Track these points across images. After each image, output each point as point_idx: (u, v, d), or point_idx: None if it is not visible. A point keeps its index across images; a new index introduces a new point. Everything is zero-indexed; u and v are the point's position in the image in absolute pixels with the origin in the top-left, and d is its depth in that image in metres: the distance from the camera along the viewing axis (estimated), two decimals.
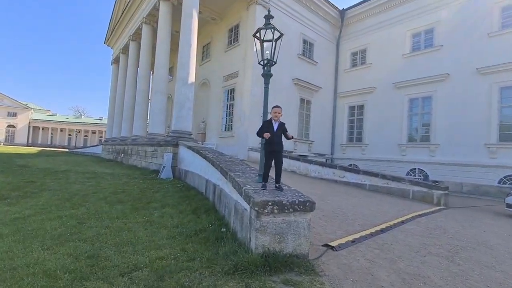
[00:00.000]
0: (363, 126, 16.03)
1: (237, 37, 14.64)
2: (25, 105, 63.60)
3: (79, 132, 68.86)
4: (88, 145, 45.20)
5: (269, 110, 3.29)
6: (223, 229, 3.40)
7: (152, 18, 15.67)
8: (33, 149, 34.42)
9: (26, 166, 10.93)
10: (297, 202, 2.57)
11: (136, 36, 18.35)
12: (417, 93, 13.84)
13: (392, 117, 14.64)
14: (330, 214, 4.67)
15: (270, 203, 2.48)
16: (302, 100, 15.33)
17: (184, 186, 7.38)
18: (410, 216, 4.98)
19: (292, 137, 3.11)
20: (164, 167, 9.61)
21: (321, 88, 16.22)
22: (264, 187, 2.97)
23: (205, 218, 3.93)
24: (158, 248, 2.71)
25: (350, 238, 3.40)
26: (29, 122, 63.29)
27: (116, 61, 24.24)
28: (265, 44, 3.49)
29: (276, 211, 2.50)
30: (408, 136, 14.20)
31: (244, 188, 2.93)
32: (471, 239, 3.86)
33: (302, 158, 10.55)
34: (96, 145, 29.07)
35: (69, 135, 68.70)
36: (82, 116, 79.44)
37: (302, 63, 15.35)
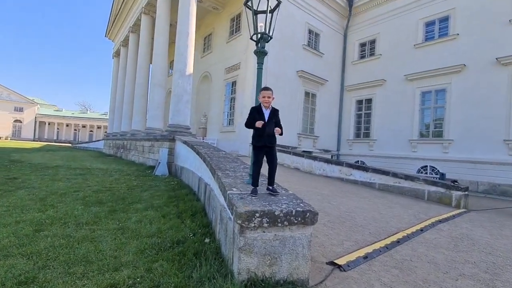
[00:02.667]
0: (371, 121, 15.24)
1: (239, 26, 13.94)
2: (31, 100, 63.97)
3: (84, 127, 69.21)
4: (94, 140, 45.18)
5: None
6: (207, 240, 2.82)
7: (151, 8, 15.07)
8: (37, 144, 34.47)
9: (19, 161, 10.54)
10: (294, 212, 1.96)
11: (136, 27, 17.79)
12: (430, 85, 12.98)
13: (402, 111, 13.83)
14: (336, 219, 4.05)
15: (257, 214, 1.88)
16: (307, 93, 14.60)
17: (178, 184, 6.85)
18: (429, 222, 4.33)
19: (282, 134, 2.48)
20: (159, 163, 9.10)
21: (327, 81, 15.45)
22: (254, 192, 2.37)
23: (190, 224, 3.36)
24: (117, 269, 2.14)
25: (362, 252, 2.79)
26: (35, 117, 63.73)
27: (117, 54, 23.79)
28: (259, 15, 2.85)
29: (265, 224, 1.90)
30: (419, 131, 13.39)
31: (228, 192, 2.34)
32: (507, 253, 3.21)
33: (306, 154, 9.91)
34: (99, 140, 28.83)
35: (75, 130, 69.12)
36: (88, 111, 79.87)
37: (307, 54, 14.58)
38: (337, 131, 16.48)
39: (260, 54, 2.81)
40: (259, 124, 2.38)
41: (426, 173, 12.82)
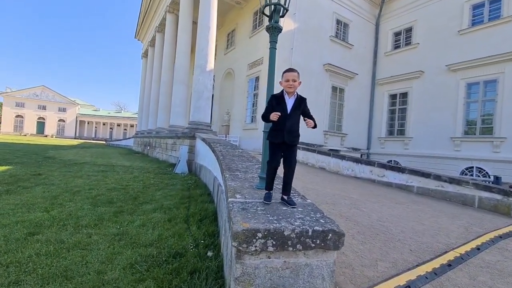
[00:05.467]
0: (406, 117, 13.94)
1: (262, 19, 13.43)
2: (73, 101, 69.01)
3: (119, 125, 73.34)
4: (126, 138, 47.51)
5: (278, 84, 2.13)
6: (210, 253, 2.40)
7: (175, 6, 15.10)
8: (76, 142, 36.97)
9: (52, 157, 11.06)
10: (310, 232, 1.45)
11: (161, 27, 18.05)
12: (478, 76, 11.46)
13: (443, 106, 12.42)
14: (367, 229, 3.43)
15: (260, 235, 1.40)
16: (334, 88, 13.71)
17: (195, 183, 6.57)
18: (486, 237, 3.52)
19: (315, 126, 1.95)
20: (179, 160, 8.96)
21: (356, 74, 14.40)
22: (267, 198, 1.88)
23: (195, 231, 2.97)
24: None
25: (402, 279, 2.19)
26: (76, 117, 68.63)
27: (145, 54, 24.50)
28: None
29: (271, 248, 1.41)
30: (463, 128, 11.92)
31: (230, 199, 1.88)
32: None
33: (333, 153, 9.18)
34: (129, 138, 30.09)
35: (111, 128, 73.47)
36: (122, 111, 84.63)
37: (335, 46, 13.67)
38: (367, 128, 15.35)
39: (273, 30, 2.31)
40: (274, 116, 1.88)
41: (472, 175, 11.38)
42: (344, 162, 8.46)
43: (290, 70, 1.95)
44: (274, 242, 1.41)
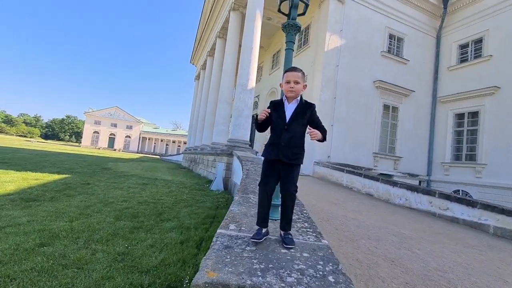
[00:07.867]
0: (477, 140, 11.83)
1: (307, 39, 13.27)
2: (138, 119, 77.71)
3: (174, 142, 79.61)
4: (179, 153, 50.92)
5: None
6: None
7: (225, 31, 16.00)
8: (136, 155, 40.89)
9: (108, 169, 12.14)
10: None
11: (212, 51, 19.26)
12: None
13: None
14: (420, 281, 2.63)
15: None
16: (386, 106, 12.50)
17: (226, 202, 6.33)
18: None
19: (324, 139, 1.50)
20: (215, 177, 8.90)
21: (413, 91, 12.96)
22: (256, 236, 1.45)
23: (201, 260, 2.61)
24: None
25: None
26: (140, 133, 76.76)
27: (197, 77, 26.39)
28: None
29: None
30: None
31: (219, 230, 1.51)
32: None
33: (382, 178, 8.08)
34: (180, 154, 32.07)
35: (167, 145, 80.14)
36: (178, 129, 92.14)
37: (387, 62, 12.62)
38: (427, 151, 13.46)
39: (290, 28, 1.96)
40: (262, 115, 1.50)
41: None
42: (396, 189, 7.32)
43: (292, 69, 1.56)
44: None
